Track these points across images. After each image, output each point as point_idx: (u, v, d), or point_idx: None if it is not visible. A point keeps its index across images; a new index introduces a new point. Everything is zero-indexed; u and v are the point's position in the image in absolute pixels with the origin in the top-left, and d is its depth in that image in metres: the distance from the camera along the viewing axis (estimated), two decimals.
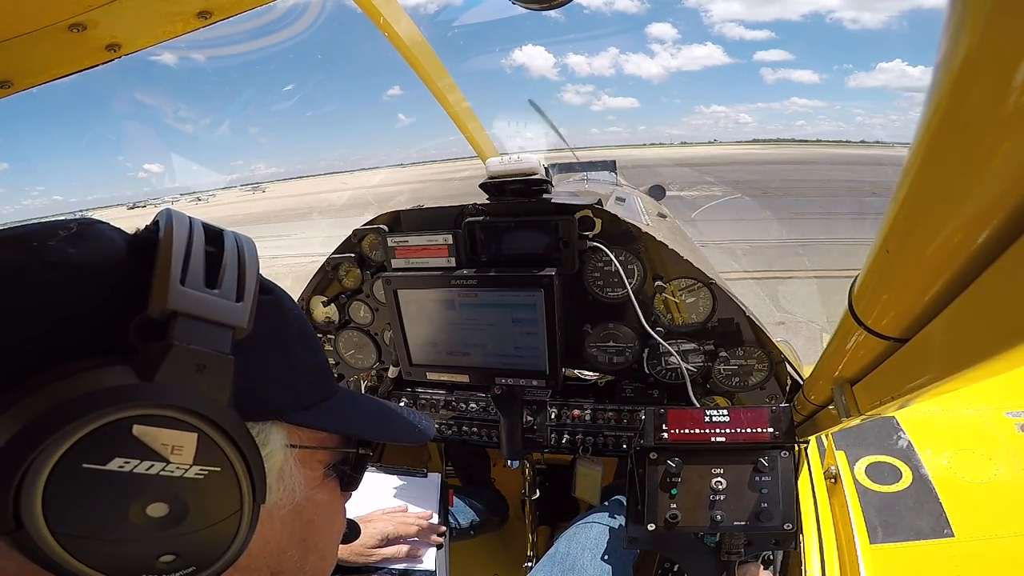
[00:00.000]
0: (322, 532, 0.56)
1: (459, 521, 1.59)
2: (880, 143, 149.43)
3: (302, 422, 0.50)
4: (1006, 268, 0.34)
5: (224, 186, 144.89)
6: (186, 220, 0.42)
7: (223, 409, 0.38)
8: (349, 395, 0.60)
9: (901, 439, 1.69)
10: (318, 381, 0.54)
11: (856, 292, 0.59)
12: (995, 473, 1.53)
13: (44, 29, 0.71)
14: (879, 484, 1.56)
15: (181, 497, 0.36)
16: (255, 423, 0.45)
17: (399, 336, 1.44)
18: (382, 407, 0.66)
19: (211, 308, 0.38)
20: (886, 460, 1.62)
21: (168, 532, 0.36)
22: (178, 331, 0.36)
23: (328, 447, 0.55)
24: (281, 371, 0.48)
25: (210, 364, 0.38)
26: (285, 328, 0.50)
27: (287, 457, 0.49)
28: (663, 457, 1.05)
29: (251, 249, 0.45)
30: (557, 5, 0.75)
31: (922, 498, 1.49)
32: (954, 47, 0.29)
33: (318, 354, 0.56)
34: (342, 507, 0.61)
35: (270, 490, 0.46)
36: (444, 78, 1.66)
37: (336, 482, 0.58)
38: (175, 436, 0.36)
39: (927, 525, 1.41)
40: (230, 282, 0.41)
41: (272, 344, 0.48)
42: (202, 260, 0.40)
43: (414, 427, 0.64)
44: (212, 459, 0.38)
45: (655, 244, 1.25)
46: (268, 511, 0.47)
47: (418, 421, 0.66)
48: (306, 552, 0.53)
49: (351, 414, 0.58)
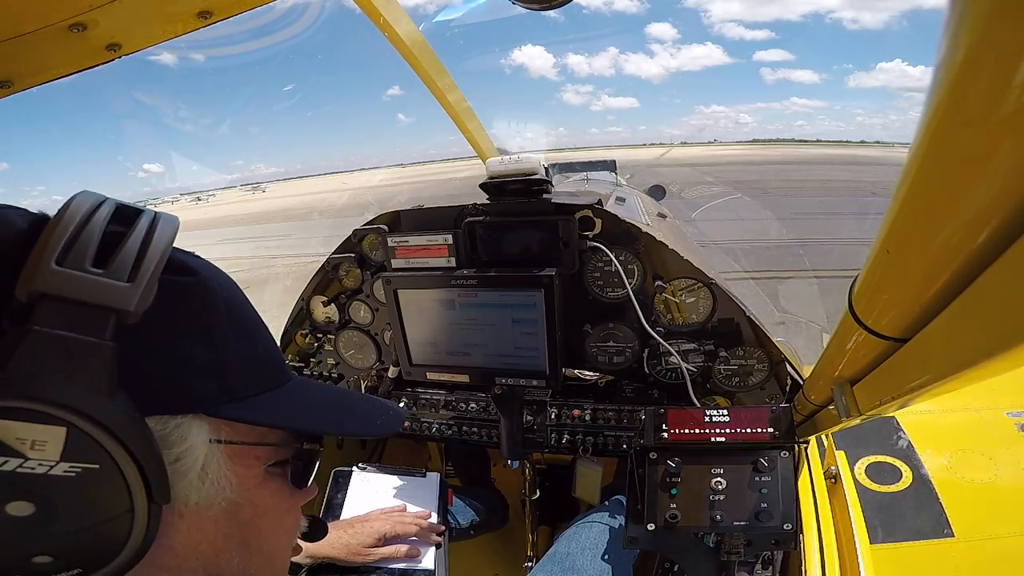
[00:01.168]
0: (266, 534, 0.52)
1: (459, 521, 1.59)
2: (880, 143, 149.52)
3: (231, 415, 0.46)
4: (1006, 268, 0.34)
5: (224, 186, 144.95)
6: (95, 199, 0.39)
7: (100, 400, 0.35)
8: (300, 385, 0.55)
9: (901, 439, 1.69)
10: (255, 371, 0.49)
11: (856, 292, 0.59)
12: (995, 473, 1.53)
13: (44, 29, 0.71)
14: (879, 484, 1.56)
15: (49, 496, 0.33)
16: (168, 416, 0.42)
17: (399, 336, 1.44)
18: (340, 398, 0.60)
19: (87, 289, 0.35)
20: (886, 460, 1.62)
21: (37, 532, 0.34)
22: (43, 314, 0.33)
23: (267, 443, 0.50)
24: (203, 360, 0.44)
25: (82, 351, 0.34)
26: (209, 313, 0.45)
27: (212, 453, 0.45)
28: (663, 457, 1.05)
29: (166, 229, 0.41)
30: (557, 5, 0.75)
31: (922, 498, 1.49)
32: (954, 47, 0.29)
33: (257, 341, 0.51)
34: (293, 505, 0.57)
35: (190, 488, 0.43)
36: (444, 78, 1.66)
37: (283, 479, 0.53)
38: (34, 430, 0.32)
39: (927, 525, 1.41)
40: (123, 262, 0.37)
41: (191, 330, 0.44)
42: (95, 239, 0.36)
43: (374, 418, 0.59)
44: (87, 455, 0.34)
45: (655, 244, 1.25)
46: (195, 511, 0.44)
47: (382, 412, 0.60)
48: (248, 555, 0.50)
49: (297, 406, 0.53)
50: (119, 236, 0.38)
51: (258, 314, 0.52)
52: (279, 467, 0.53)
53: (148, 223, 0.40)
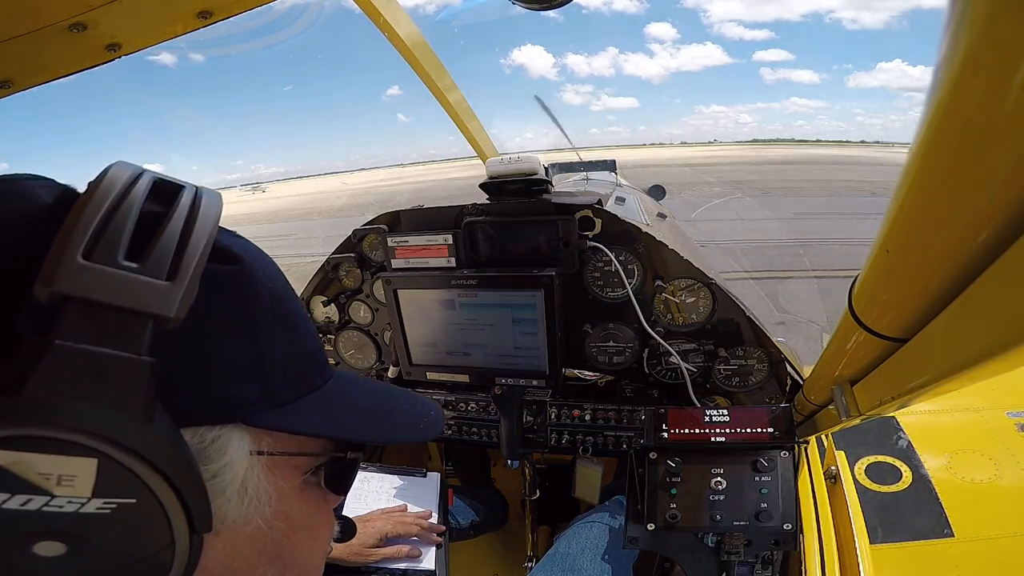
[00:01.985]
0: (302, 546, 0.48)
1: (459, 521, 1.59)
2: (880, 143, 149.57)
3: (274, 425, 0.41)
4: (1006, 268, 0.34)
5: (224, 186, 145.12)
6: (132, 172, 0.33)
7: (136, 425, 0.30)
8: (342, 382, 0.50)
9: (901, 439, 1.70)
10: (300, 370, 0.44)
11: (856, 292, 0.59)
12: (995, 473, 1.53)
13: (44, 29, 0.71)
14: (879, 484, 1.56)
15: (81, 535, 0.29)
16: (207, 428, 0.37)
17: (399, 336, 1.44)
18: (382, 398, 0.56)
19: (121, 290, 0.29)
20: (886, 460, 1.63)
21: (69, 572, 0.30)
22: (68, 323, 0.28)
23: (308, 453, 0.46)
24: (246, 361, 0.39)
25: (114, 368, 0.29)
26: (254, 306, 0.39)
27: (252, 467, 0.40)
28: (663, 457, 1.05)
29: (211, 210, 0.35)
30: (557, 5, 0.75)
31: (922, 498, 1.49)
32: (954, 47, 0.29)
33: (303, 335, 0.46)
34: (328, 515, 0.52)
35: (228, 506, 0.39)
36: (444, 78, 1.66)
37: (318, 487, 0.49)
38: (61, 463, 0.27)
39: (927, 525, 1.42)
40: (162, 253, 0.31)
41: (234, 327, 0.38)
42: (130, 224, 0.31)
43: (419, 421, 0.54)
44: (123, 489, 0.30)
45: (655, 244, 1.25)
46: (231, 528, 0.40)
47: (424, 412, 0.56)
48: (282, 569, 0.46)
49: (342, 410, 0.48)
50: (157, 218, 0.32)
51: (300, 302, 0.47)
52: (315, 475, 0.48)
53: (190, 202, 0.34)
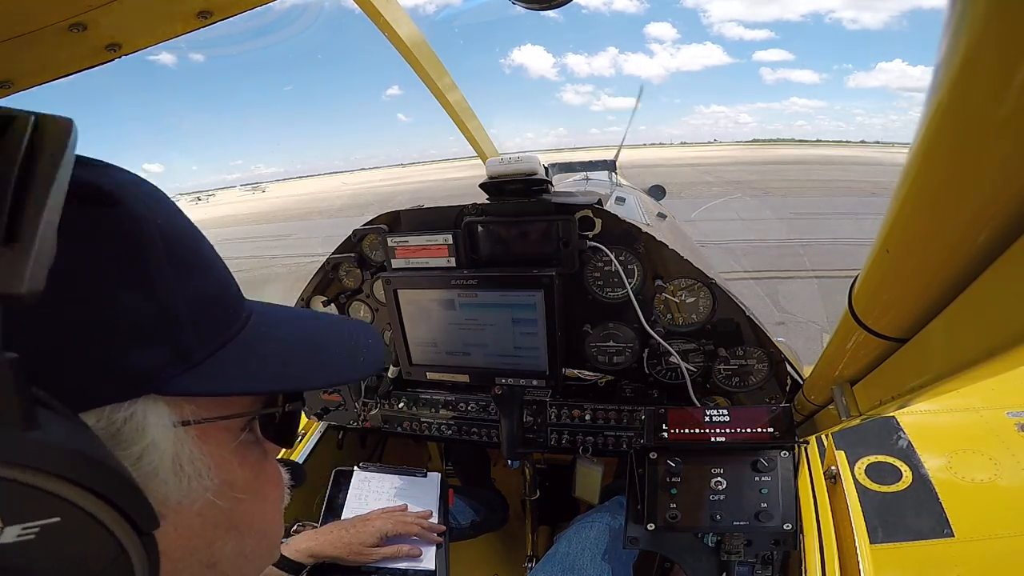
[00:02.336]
0: (254, 511, 0.45)
1: (459, 521, 1.59)
2: (880, 143, 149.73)
3: (192, 390, 0.36)
4: (1006, 268, 0.34)
5: (224, 186, 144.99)
6: None
7: (12, 436, 0.24)
8: (262, 321, 0.44)
9: (901, 439, 1.70)
10: (211, 318, 0.38)
11: (856, 292, 0.59)
12: (995, 473, 1.53)
13: (44, 29, 0.70)
14: (879, 484, 1.56)
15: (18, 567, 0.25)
16: (113, 407, 0.32)
17: (399, 336, 1.44)
18: (309, 331, 0.48)
19: None
20: (886, 460, 1.63)
21: None
22: None
23: (239, 414, 0.41)
24: (145, 320, 0.33)
25: None
26: (142, 253, 0.33)
27: (181, 440, 0.36)
28: (663, 457, 1.05)
29: (59, 135, 0.26)
30: (557, 5, 0.75)
31: (922, 498, 1.50)
32: (954, 47, 0.29)
33: (206, 274, 0.39)
34: (275, 470, 0.48)
35: (166, 488, 0.35)
36: (444, 78, 1.66)
37: (258, 445, 0.45)
38: None
39: (927, 525, 1.42)
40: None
41: (122, 283, 0.32)
42: None
43: (356, 354, 0.48)
44: (35, 510, 0.25)
45: (655, 244, 1.25)
46: (177, 510, 0.37)
47: (361, 342, 0.49)
48: (241, 537, 0.43)
49: (266, 356, 0.42)
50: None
51: (196, 230, 0.40)
52: (251, 431, 0.44)
53: (26, 134, 0.25)
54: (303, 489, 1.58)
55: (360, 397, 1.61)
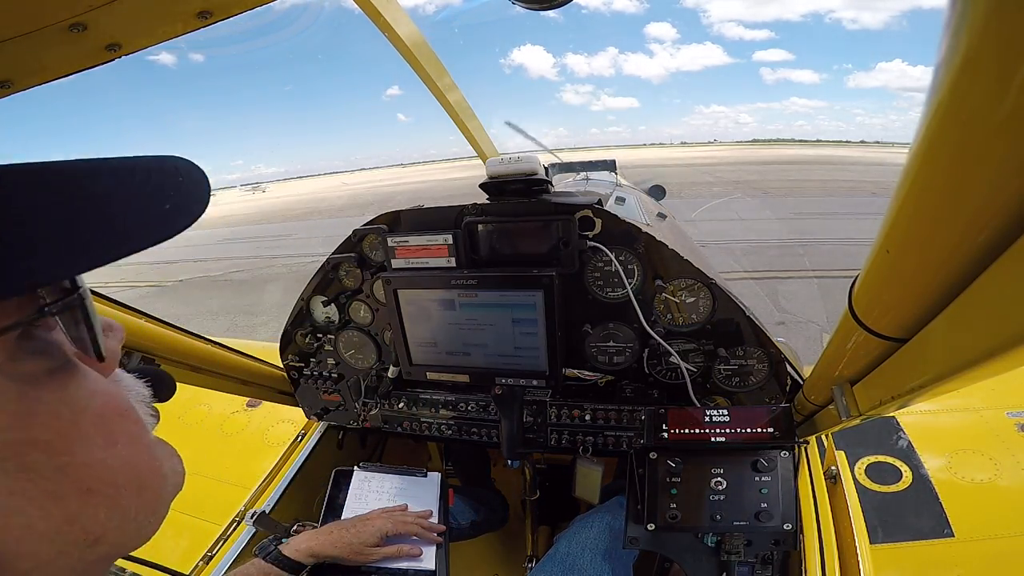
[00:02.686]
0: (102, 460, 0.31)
1: (459, 520, 1.59)
2: (880, 143, 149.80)
3: None
4: (1006, 268, 0.34)
5: (224, 186, 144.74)
6: None
7: None
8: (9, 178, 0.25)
9: (901, 439, 1.70)
10: None
11: (856, 292, 0.59)
12: (995, 473, 1.53)
13: (44, 29, 0.70)
14: (879, 484, 1.56)
15: None
16: None
17: (399, 336, 1.44)
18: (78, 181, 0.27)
19: None
20: (886, 460, 1.63)
21: None
22: None
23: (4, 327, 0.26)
24: None
25: None
26: None
27: None
28: (663, 457, 1.05)
29: None
30: (557, 5, 0.75)
31: (922, 498, 1.50)
32: (954, 47, 0.29)
33: None
34: (107, 391, 0.33)
35: None
36: (444, 78, 1.66)
37: (68, 365, 0.31)
38: None
39: (927, 525, 1.42)
40: None
41: None
42: None
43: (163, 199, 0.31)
44: None
45: (655, 244, 1.25)
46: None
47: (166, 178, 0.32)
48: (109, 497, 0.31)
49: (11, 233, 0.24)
50: None
51: None
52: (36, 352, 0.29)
53: None
54: (303, 489, 1.59)
55: (360, 397, 1.61)
